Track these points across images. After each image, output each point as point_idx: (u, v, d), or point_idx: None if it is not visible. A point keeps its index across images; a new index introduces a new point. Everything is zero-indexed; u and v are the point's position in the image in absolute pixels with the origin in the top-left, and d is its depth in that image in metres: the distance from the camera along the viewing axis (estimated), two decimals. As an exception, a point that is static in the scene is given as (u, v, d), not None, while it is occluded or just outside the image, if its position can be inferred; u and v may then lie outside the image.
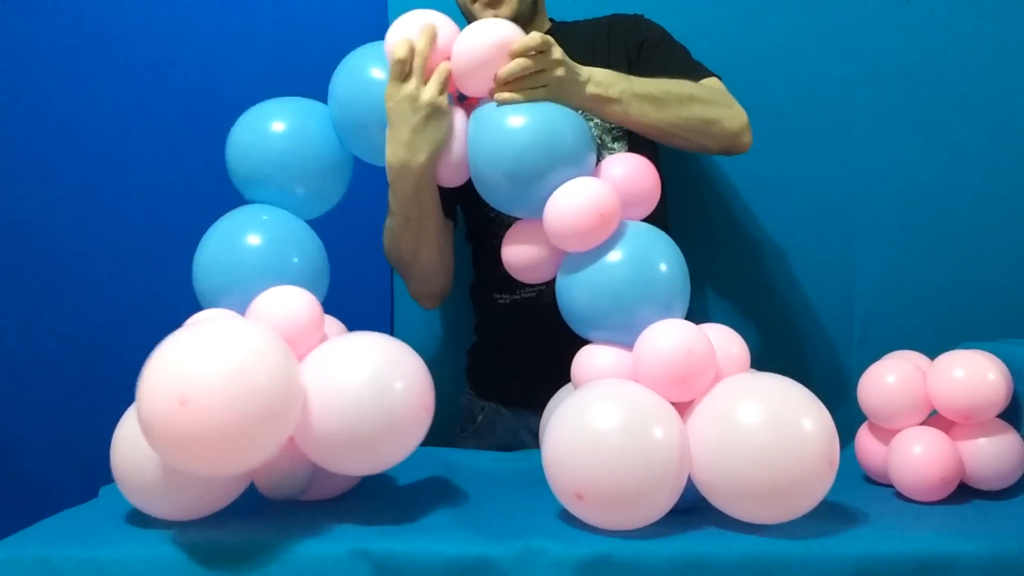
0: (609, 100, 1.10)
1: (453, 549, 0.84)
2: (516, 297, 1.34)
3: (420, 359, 0.93)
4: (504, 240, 1.07)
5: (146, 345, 1.04)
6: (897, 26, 1.48)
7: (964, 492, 1.01)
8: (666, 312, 0.95)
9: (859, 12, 1.48)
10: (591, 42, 1.36)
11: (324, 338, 0.97)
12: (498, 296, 1.36)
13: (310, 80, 1.13)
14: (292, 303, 0.95)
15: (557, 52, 1.04)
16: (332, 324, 1.03)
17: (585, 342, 1.00)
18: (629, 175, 1.01)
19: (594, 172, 1.03)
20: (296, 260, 1.03)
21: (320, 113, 1.11)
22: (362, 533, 0.88)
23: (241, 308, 0.99)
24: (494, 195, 1.04)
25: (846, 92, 1.49)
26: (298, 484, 0.95)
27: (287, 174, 1.07)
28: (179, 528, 0.91)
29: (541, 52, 1.02)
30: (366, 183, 1.19)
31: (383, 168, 1.09)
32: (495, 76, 1.02)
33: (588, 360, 0.98)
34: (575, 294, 0.99)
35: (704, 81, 1.26)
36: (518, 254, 1.06)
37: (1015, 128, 1.48)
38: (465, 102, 1.10)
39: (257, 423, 0.81)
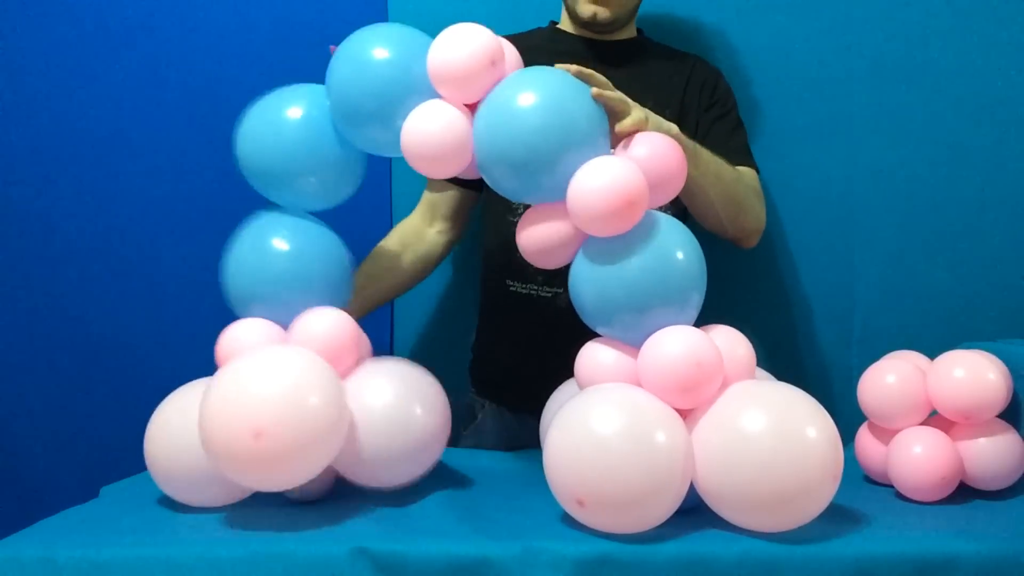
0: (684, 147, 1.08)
1: (453, 549, 0.84)
2: (531, 292, 1.32)
3: (438, 383, 1.05)
4: (520, 222, 1.02)
5: (146, 345, 1.04)
6: (897, 25, 1.48)
7: (964, 492, 1.01)
8: (679, 313, 0.92)
9: (859, 11, 1.48)
10: (671, 69, 1.38)
11: (361, 356, 1.04)
12: (511, 284, 1.34)
13: (310, 81, 1.13)
14: (334, 326, 1.00)
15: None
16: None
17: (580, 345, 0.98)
18: (655, 156, 0.96)
19: (617, 151, 0.98)
20: (318, 265, 1.05)
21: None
22: (362, 533, 0.88)
23: (273, 314, 1.03)
24: (503, 183, 0.98)
25: (846, 91, 1.49)
26: (322, 491, 1.02)
27: (302, 166, 1.05)
28: (180, 527, 0.92)
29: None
30: (365, 180, 1.19)
31: (382, 163, 1.09)
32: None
33: (592, 356, 0.96)
34: (588, 286, 0.95)
35: (744, 169, 1.31)
36: (533, 237, 1.00)
37: (1015, 128, 1.48)
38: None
39: (316, 448, 0.91)
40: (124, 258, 1.54)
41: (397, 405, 0.98)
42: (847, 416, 1.11)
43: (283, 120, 1.05)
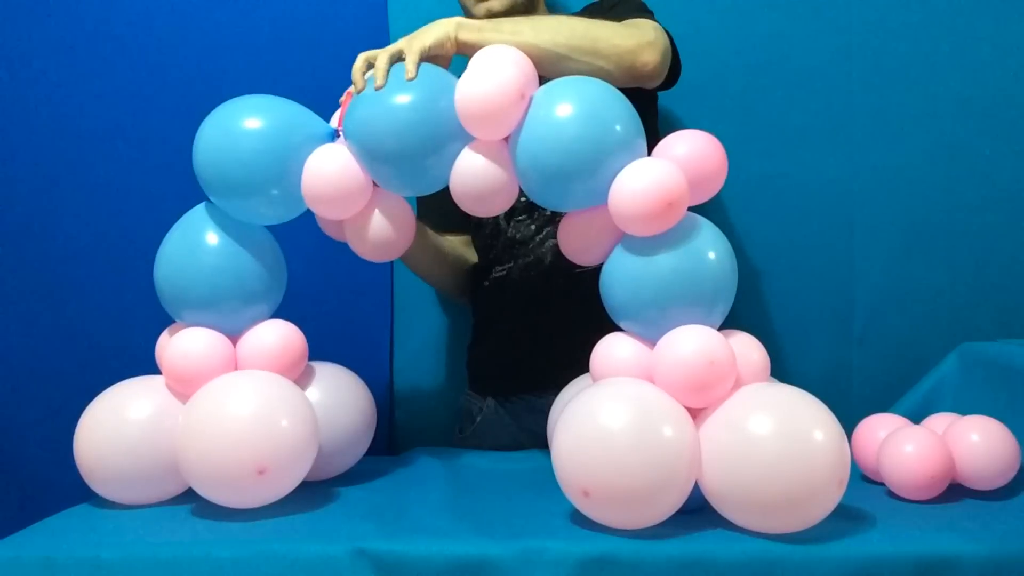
0: (481, 33, 1.05)
1: (453, 549, 0.84)
2: (494, 277, 1.35)
3: (306, 400, 1.01)
4: (560, 224, 1.04)
5: (146, 345, 1.04)
6: (897, 25, 1.48)
7: (957, 491, 1.01)
8: (705, 317, 0.93)
9: (859, 11, 1.48)
10: None
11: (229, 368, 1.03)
12: (482, 280, 1.38)
13: (310, 81, 1.13)
14: (198, 345, 1.02)
15: (384, 55, 1.03)
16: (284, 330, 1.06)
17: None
18: (694, 155, 0.96)
19: (656, 152, 0.98)
20: (251, 263, 1.06)
21: (292, 111, 1.06)
22: (362, 533, 0.88)
23: (202, 317, 1.05)
24: (544, 196, 1.00)
25: (846, 91, 1.49)
26: None
27: (262, 178, 1.02)
28: (180, 527, 0.92)
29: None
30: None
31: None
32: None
33: (607, 350, 0.97)
34: (619, 283, 0.96)
35: (629, 20, 1.19)
36: (573, 236, 1.02)
37: (1015, 128, 1.48)
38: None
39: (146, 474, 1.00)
40: (124, 258, 1.54)
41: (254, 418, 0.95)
42: (846, 416, 1.11)
43: (243, 130, 1.03)
